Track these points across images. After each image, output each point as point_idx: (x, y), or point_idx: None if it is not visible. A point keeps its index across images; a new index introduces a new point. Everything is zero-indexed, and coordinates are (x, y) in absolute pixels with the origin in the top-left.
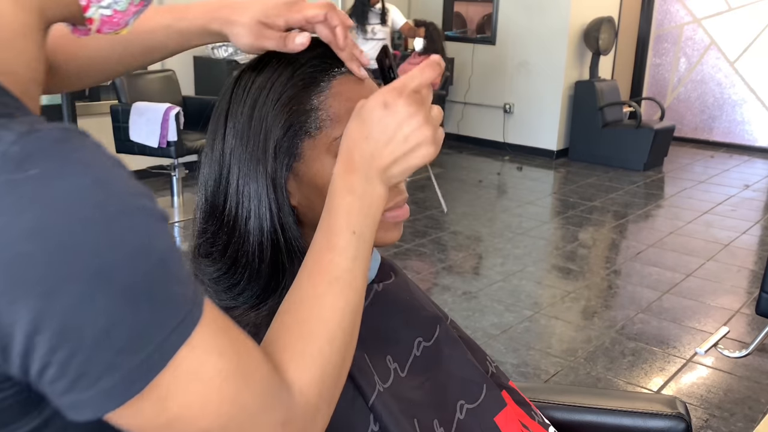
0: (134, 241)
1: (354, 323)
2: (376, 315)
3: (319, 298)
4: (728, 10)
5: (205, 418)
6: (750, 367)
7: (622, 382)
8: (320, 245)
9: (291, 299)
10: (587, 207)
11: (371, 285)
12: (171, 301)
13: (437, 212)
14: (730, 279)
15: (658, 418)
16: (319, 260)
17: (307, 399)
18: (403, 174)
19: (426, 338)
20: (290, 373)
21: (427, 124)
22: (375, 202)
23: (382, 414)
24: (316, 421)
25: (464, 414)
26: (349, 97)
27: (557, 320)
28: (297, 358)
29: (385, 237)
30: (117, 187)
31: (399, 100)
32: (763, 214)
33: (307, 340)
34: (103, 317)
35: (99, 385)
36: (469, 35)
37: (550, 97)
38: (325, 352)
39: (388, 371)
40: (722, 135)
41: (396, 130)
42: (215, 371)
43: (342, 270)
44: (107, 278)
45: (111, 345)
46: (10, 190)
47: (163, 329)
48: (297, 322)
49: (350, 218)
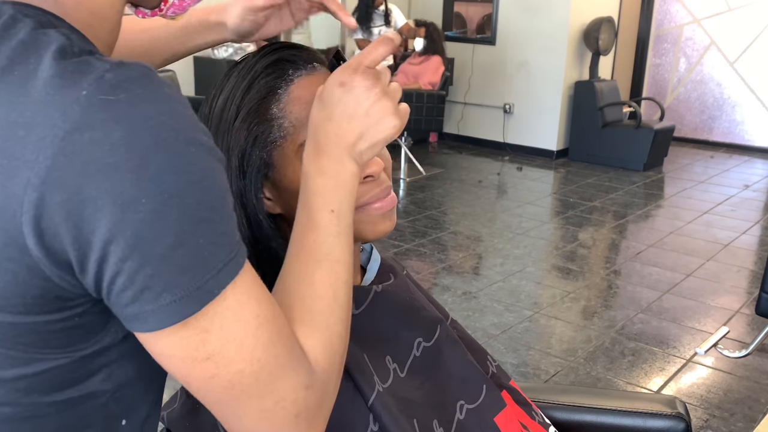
0: (201, 171)
1: (348, 295)
2: (376, 316)
3: (311, 276)
4: (728, 10)
5: (240, 361)
6: (750, 367)
7: (622, 382)
8: (303, 226)
9: (285, 281)
10: (587, 207)
11: (370, 286)
12: (226, 237)
13: (437, 212)
14: (729, 279)
15: (657, 418)
16: (304, 241)
17: (322, 368)
18: (373, 148)
19: (426, 339)
20: (304, 342)
21: (386, 96)
22: (348, 179)
23: (382, 414)
24: (330, 390)
25: (464, 414)
26: (308, 100)
27: (557, 320)
28: (307, 331)
29: (377, 229)
30: (188, 120)
31: (354, 77)
32: (762, 214)
33: (311, 315)
34: (170, 235)
35: (160, 300)
36: (469, 35)
37: (550, 98)
38: (330, 325)
39: (388, 371)
40: (722, 135)
41: (356, 107)
42: (253, 315)
43: (328, 247)
44: (178, 198)
45: (175, 263)
46: (104, 107)
47: (217, 261)
48: (298, 299)
49: (326, 198)
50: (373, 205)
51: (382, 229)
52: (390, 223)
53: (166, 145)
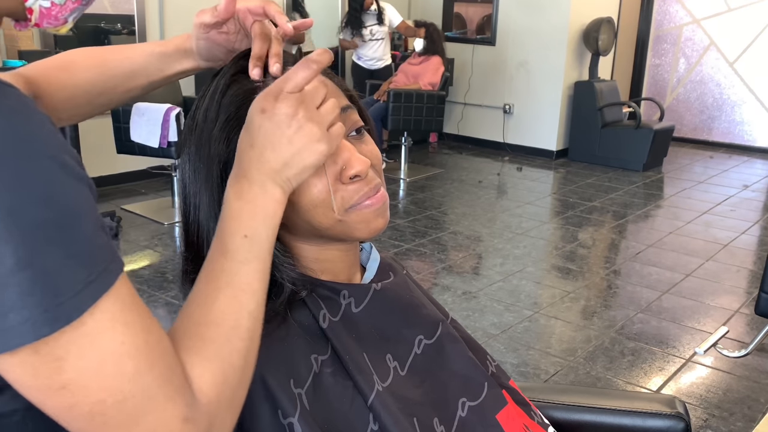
0: (48, 187)
1: (253, 326)
2: (375, 314)
3: (212, 303)
4: (727, 10)
5: (99, 391)
6: (749, 367)
7: (621, 381)
8: (215, 250)
9: (188, 305)
10: (587, 207)
11: (369, 284)
12: (83, 258)
13: (437, 212)
14: (729, 279)
15: (657, 417)
16: (212, 265)
17: (209, 399)
18: (301, 174)
19: (427, 336)
20: (191, 371)
21: (311, 122)
22: (269, 205)
23: (381, 413)
24: (217, 423)
25: (466, 411)
26: None
27: (557, 320)
28: (195, 360)
29: (370, 227)
30: (35, 135)
31: (276, 104)
32: (762, 215)
33: (203, 343)
34: (10, 256)
35: (6, 321)
36: (469, 36)
37: (549, 98)
38: (225, 355)
39: (388, 370)
40: (721, 135)
41: (278, 135)
42: (117, 342)
43: (232, 274)
44: (16, 216)
45: (20, 283)
46: None
47: (73, 283)
48: (194, 325)
49: (241, 223)
50: (363, 203)
51: (375, 226)
52: (383, 220)
53: (3, 161)
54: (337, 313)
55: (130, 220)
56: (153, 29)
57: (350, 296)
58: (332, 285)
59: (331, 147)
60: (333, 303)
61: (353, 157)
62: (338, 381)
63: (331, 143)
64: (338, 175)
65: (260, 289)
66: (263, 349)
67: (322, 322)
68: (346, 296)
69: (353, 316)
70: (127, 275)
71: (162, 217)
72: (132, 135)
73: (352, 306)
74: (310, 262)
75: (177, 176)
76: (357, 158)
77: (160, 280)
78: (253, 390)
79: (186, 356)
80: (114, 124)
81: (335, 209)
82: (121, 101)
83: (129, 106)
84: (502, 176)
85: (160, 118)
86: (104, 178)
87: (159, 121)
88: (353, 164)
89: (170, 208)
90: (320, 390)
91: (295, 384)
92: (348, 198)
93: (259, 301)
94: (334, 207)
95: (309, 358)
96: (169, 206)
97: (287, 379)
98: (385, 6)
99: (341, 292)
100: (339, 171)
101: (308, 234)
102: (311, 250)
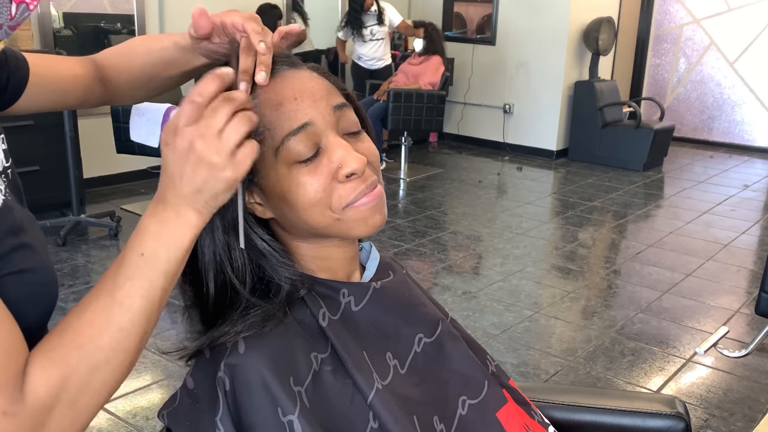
0: None
1: (118, 341)
2: (375, 313)
3: (83, 307)
4: (728, 10)
5: None
6: (749, 367)
7: (621, 381)
8: (115, 261)
9: (76, 306)
10: (587, 207)
11: (369, 283)
12: None
13: (437, 212)
14: (729, 279)
15: (657, 417)
16: (105, 274)
17: (38, 399)
18: (216, 199)
19: (427, 334)
20: (30, 370)
21: (209, 152)
22: (180, 228)
23: (381, 411)
24: (50, 428)
25: (466, 409)
26: (277, 101)
27: (557, 320)
28: (41, 358)
29: (369, 224)
30: None
31: (174, 139)
32: (762, 214)
33: (57, 346)
34: None
35: None
36: (469, 36)
37: (549, 98)
38: (72, 362)
39: (388, 368)
40: (722, 135)
41: (182, 165)
42: None
43: (116, 287)
44: None
45: None
46: None
47: None
48: (60, 327)
49: (142, 241)
50: (360, 200)
51: (373, 223)
52: (380, 217)
53: None
54: (337, 311)
55: (130, 220)
56: (153, 29)
57: (350, 295)
58: (332, 284)
59: (238, 172)
60: (332, 301)
61: (349, 155)
62: (338, 379)
63: (238, 169)
64: (334, 174)
65: (139, 308)
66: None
67: (321, 320)
68: (346, 295)
69: (353, 315)
70: None
71: None
72: (132, 135)
73: (352, 304)
74: (309, 260)
75: None
76: (353, 156)
77: None
78: (253, 387)
79: (35, 354)
80: (114, 124)
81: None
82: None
83: (128, 106)
84: (502, 176)
85: (159, 118)
86: (104, 178)
87: (159, 121)
88: (348, 162)
89: None
90: (320, 388)
91: (295, 382)
92: (345, 196)
93: (134, 319)
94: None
95: (309, 356)
96: None
97: (287, 376)
98: (385, 6)
99: (341, 291)
100: (335, 169)
101: (306, 233)
102: (309, 248)
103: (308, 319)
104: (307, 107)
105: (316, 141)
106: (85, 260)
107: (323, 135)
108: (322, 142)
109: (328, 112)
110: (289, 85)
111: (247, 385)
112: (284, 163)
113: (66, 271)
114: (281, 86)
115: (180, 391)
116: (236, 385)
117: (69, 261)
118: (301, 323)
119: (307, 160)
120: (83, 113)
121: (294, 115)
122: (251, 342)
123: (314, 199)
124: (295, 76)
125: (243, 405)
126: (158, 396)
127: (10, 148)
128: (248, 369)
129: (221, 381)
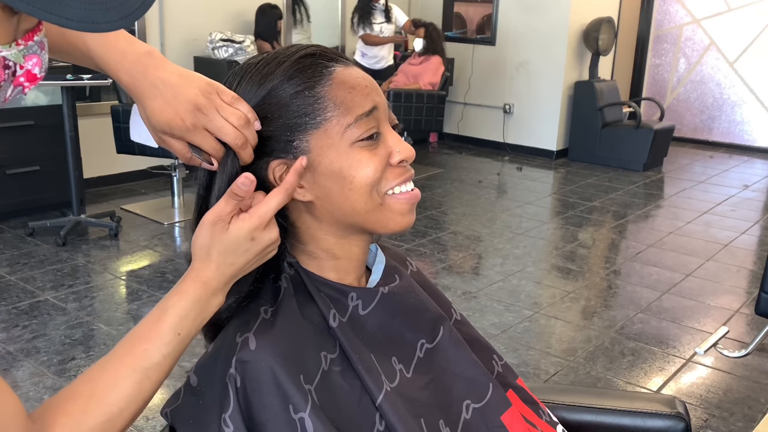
0: None
1: (139, 410)
2: (383, 317)
3: (118, 381)
4: (728, 10)
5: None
6: (749, 367)
7: (621, 381)
8: (141, 332)
9: (95, 368)
10: (587, 207)
11: (377, 288)
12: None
13: (437, 212)
14: (729, 279)
15: (657, 417)
16: (134, 346)
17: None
18: (243, 270)
19: (428, 340)
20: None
21: (269, 253)
22: (211, 310)
23: (389, 413)
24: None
25: (470, 414)
26: (352, 85)
27: (557, 320)
28: (68, 426)
29: (404, 219)
30: None
31: (252, 244)
32: (762, 214)
33: (86, 415)
34: None
35: None
36: (469, 35)
37: (549, 98)
38: (93, 429)
39: (394, 371)
40: (722, 135)
41: (245, 260)
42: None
43: (152, 363)
44: None
45: None
46: None
47: None
48: (88, 393)
49: (182, 322)
50: (402, 191)
51: (408, 220)
52: (413, 217)
53: None
54: (345, 314)
55: (129, 220)
56: (153, 30)
57: (358, 298)
58: (341, 287)
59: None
60: (340, 304)
61: (402, 143)
62: (346, 380)
63: None
64: (389, 158)
65: (162, 380)
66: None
67: (332, 321)
68: (354, 298)
69: (360, 318)
70: (128, 275)
71: (162, 217)
72: (132, 135)
73: (360, 308)
74: (322, 250)
75: None
76: (405, 145)
77: (160, 280)
78: (264, 384)
79: (60, 419)
80: (114, 124)
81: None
82: None
83: (129, 106)
84: (502, 176)
85: None
86: (104, 178)
87: None
88: (403, 150)
89: (170, 208)
90: (328, 388)
91: (305, 380)
92: (391, 179)
93: (156, 388)
94: None
95: (318, 355)
96: (169, 206)
97: (297, 374)
98: (392, 6)
99: (349, 294)
100: (389, 154)
101: (339, 221)
102: (331, 243)
103: (318, 318)
104: (375, 95)
105: (377, 126)
106: (85, 260)
107: (382, 122)
108: (380, 128)
109: (386, 104)
110: (358, 74)
111: (258, 381)
112: (348, 140)
113: (66, 271)
114: (350, 74)
115: (183, 388)
116: (247, 381)
117: (69, 261)
118: (311, 322)
119: (370, 139)
120: (83, 113)
121: (366, 99)
122: (262, 339)
123: (371, 177)
124: (356, 69)
125: (254, 402)
126: (158, 396)
127: (11, 148)
128: (259, 365)
129: (233, 377)
